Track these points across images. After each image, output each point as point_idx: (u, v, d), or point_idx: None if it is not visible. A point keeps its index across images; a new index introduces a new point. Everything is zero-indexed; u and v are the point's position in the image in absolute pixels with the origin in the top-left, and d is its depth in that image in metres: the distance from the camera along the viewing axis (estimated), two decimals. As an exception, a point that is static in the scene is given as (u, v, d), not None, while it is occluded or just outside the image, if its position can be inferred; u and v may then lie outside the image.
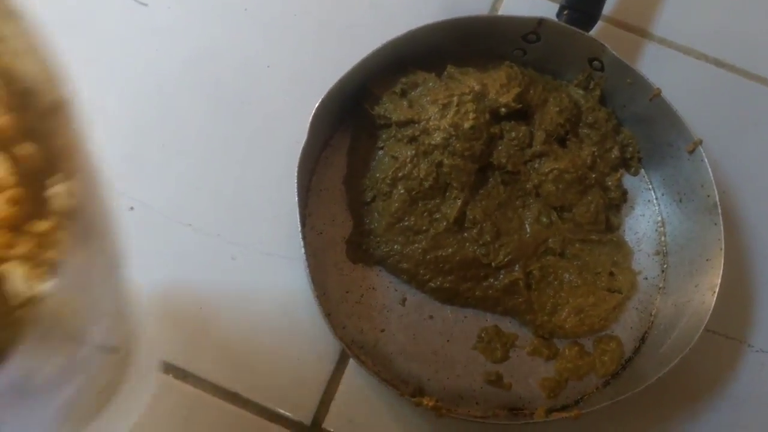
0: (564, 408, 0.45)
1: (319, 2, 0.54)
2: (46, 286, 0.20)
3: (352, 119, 0.49)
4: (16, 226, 0.25)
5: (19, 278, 0.21)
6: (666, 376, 0.41)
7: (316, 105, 0.43)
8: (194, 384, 0.44)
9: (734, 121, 0.53)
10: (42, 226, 0.23)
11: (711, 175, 0.45)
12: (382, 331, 0.46)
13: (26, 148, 0.25)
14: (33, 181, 0.25)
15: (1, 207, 0.25)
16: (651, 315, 0.48)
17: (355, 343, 0.45)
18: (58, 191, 0.24)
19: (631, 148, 0.50)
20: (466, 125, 0.44)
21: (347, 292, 0.46)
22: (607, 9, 0.52)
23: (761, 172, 0.52)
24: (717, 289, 0.43)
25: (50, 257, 0.22)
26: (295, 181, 0.43)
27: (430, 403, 0.41)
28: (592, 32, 0.49)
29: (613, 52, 0.46)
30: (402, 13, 0.54)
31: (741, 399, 0.47)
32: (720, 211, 0.44)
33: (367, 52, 0.45)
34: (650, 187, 0.51)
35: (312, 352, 0.46)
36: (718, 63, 0.55)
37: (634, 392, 0.41)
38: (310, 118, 0.43)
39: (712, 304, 0.42)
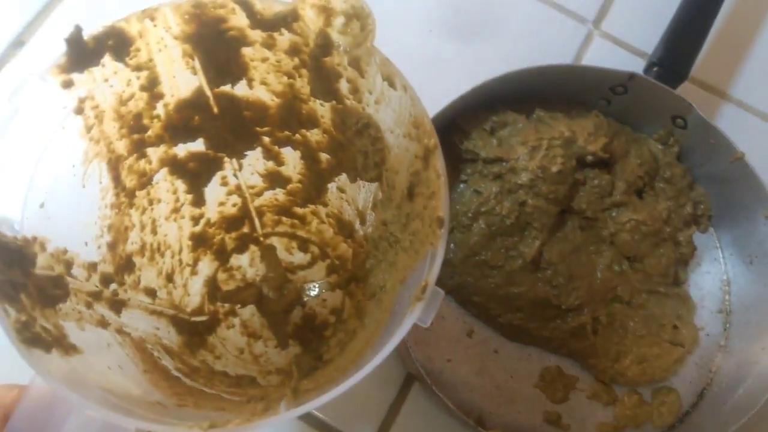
0: (620, 455, 0.46)
1: (417, 40, 0.56)
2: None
3: (436, 150, 0.50)
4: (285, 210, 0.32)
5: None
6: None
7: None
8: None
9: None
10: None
11: (787, 242, 0.46)
12: (449, 360, 0.47)
13: (325, 158, 0.34)
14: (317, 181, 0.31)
15: (279, 196, 0.32)
16: (711, 371, 0.48)
17: (423, 370, 0.46)
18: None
19: (702, 206, 0.51)
20: (554, 169, 0.46)
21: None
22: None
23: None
24: (786, 355, 0.44)
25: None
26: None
27: (501, 437, 0.42)
28: (678, 90, 0.50)
29: (700, 113, 0.47)
30: (493, 57, 0.55)
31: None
32: (793, 277, 0.45)
33: (458, 88, 0.47)
34: (718, 245, 0.52)
35: (378, 374, 0.47)
36: (793, 130, 0.56)
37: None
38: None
39: (780, 369, 0.43)
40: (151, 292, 0.36)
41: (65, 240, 0.27)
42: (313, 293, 0.43)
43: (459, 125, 0.49)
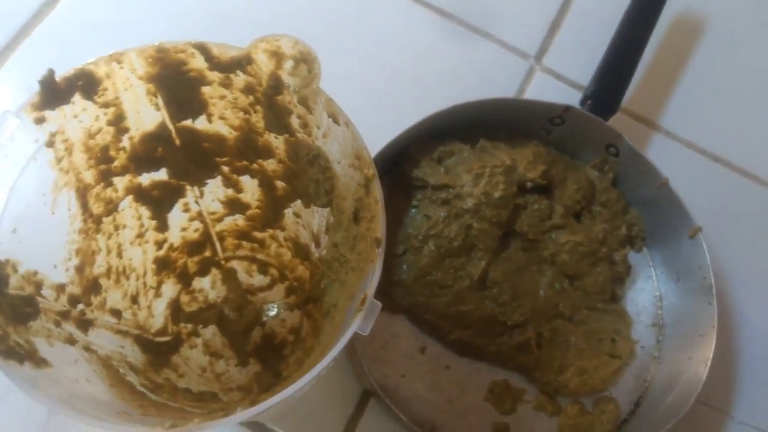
0: (563, 462, 0.49)
1: (367, 74, 0.59)
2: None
3: (388, 177, 0.53)
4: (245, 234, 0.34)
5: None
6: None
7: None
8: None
9: (730, 212, 0.59)
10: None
11: (708, 258, 0.50)
12: (403, 376, 0.49)
13: (281, 185, 0.37)
14: (274, 206, 0.34)
15: (239, 221, 0.35)
16: (646, 381, 0.52)
17: (378, 385, 0.48)
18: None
19: (636, 228, 0.55)
20: (496, 194, 0.49)
21: (373, 337, 0.50)
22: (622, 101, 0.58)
23: (753, 259, 0.58)
24: (709, 363, 0.47)
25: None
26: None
27: (450, 447, 0.44)
28: (610, 121, 0.54)
29: (629, 142, 0.52)
30: (439, 91, 0.59)
31: (723, 467, 0.51)
32: (714, 292, 0.49)
33: (407, 121, 0.50)
34: (651, 264, 0.56)
35: (336, 390, 0.49)
36: (716, 158, 0.61)
37: (630, 452, 0.45)
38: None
39: (704, 377, 0.47)
40: (117, 313, 0.38)
41: (35, 262, 0.29)
42: (271, 313, 0.45)
43: (410, 154, 0.52)
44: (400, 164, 0.53)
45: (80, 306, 0.33)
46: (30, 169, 0.29)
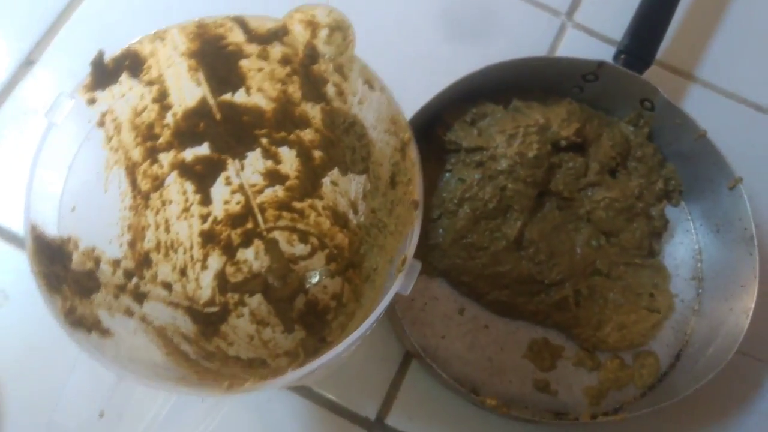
0: (605, 415, 0.49)
1: (397, 39, 0.59)
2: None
3: (422, 142, 0.54)
4: (285, 205, 0.36)
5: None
6: (699, 391, 0.46)
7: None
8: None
9: (770, 161, 0.58)
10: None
11: (749, 209, 0.49)
12: (443, 337, 0.51)
13: (318, 155, 0.39)
14: (312, 176, 0.35)
15: (279, 192, 0.36)
16: (686, 334, 0.52)
17: (419, 347, 0.50)
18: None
19: (673, 182, 0.55)
20: (530, 154, 0.49)
21: (412, 300, 0.51)
22: (658, 53, 0.56)
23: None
24: (750, 313, 0.47)
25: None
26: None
27: (493, 402, 0.45)
28: (645, 75, 0.54)
29: (665, 95, 0.51)
30: (471, 53, 0.59)
31: (766, 416, 0.51)
32: (756, 242, 0.49)
33: (440, 85, 0.50)
34: (689, 218, 0.55)
35: (379, 353, 0.50)
36: (758, 108, 0.59)
37: (670, 403, 0.46)
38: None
39: (746, 327, 0.47)
40: (168, 286, 0.40)
41: (93, 239, 0.30)
42: (314, 281, 0.46)
43: (442, 118, 0.52)
44: (434, 128, 0.53)
45: (134, 279, 0.34)
46: (84, 149, 0.31)
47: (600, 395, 0.50)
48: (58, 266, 0.27)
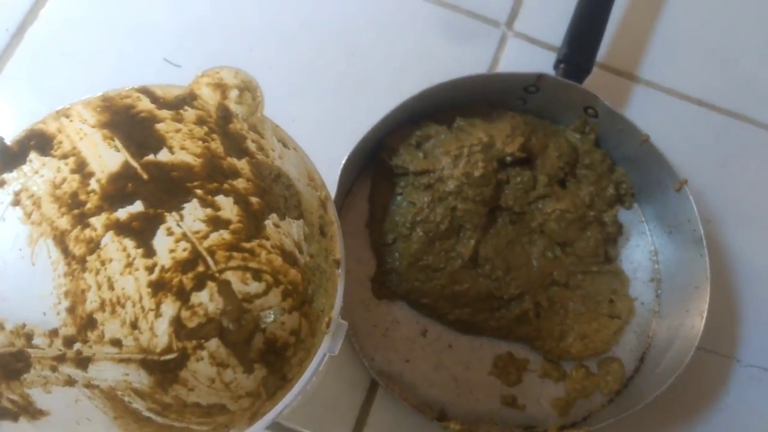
0: (573, 425, 0.50)
1: (338, 63, 0.59)
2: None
3: (371, 168, 0.54)
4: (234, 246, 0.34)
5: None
6: (664, 393, 0.46)
7: (344, 160, 0.48)
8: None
9: (718, 156, 0.59)
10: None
11: (696, 211, 0.50)
12: (407, 361, 0.51)
13: (255, 200, 0.39)
14: (254, 219, 0.34)
15: (225, 235, 0.34)
16: (648, 337, 0.53)
17: (384, 373, 0.50)
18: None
19: (624, 185, 0.55)
20: (476, 173, 0.49)
21: (374, 326, 0.51)
22: (599, 56, 0.57)
23: (743, 201, 0.57)
24: (705, 314, 0.48)
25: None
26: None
27: (456, 427, 0.45)
28: (587, 79, 0.54)
29: (605, 102, 0.51)
30: (412, 72, 0.59)
31: (734, 411, 0.52)
32: (705, 243, 0.49)
33: (383, 107, 0.50)
34: (643, 219, 0.56)
35: (345, 382, 0.50)
36: (700, 103, 0.60)
37: (636, 409, 0.46)
38: (339, 171, 0.48)
39: (701, 328, 0.47)
40: (117, 342, 0.39)
41: (23, 315, 0.30)
42: (268, 320, 0.46)
43: (387, 143, 0.52)
44: (379, 154, 0.53)
45: (77, 345, 0.34)
46: (1, 230, 0.30)
47: (567, 405, 0.50)
48: None
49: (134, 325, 0.42)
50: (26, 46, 0.57)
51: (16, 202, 0.31)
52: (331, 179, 0.48)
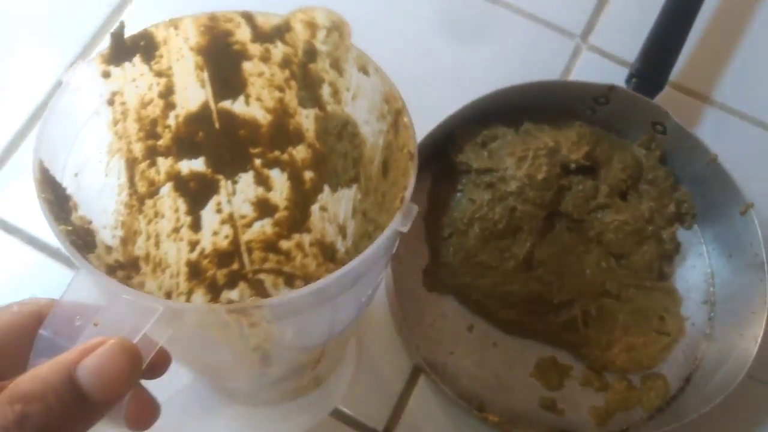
0: (611, 435, 0.50)
1: (413, 60, 0.60)
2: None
3: (434, 163, 0.55)
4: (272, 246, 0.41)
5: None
6: (707, 415, 0.46)
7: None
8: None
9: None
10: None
11: (760, 235, 0.49)
12: (451, 353, 0.52)
13: (309, 176, 0.40)
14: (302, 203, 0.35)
15: (267, 229, 0.42)
16: (696, 358, 0.52)
17: (427, 362, 0.51)
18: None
19: (686, 205, 0.55)
20: (539, 176, 0.50)
21: (422, 316, 0.52)
22: (674, 75, 0.57)
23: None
24: (759, 339, 0.47)
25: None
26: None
27: (495, 419, 0.46)
28: (658, 96, 0.54)
29: (675, 120, 0.52)
30: (485, 75, 0.60)
31: (776, 442, 0.51)
32: (766, 269, 0.49)
33: (453, 105, 0.51)
34: (702, 241, 0.55)
35: (388, 367, 0.52)
36: (773, 130, 0.59)
37: (676, 426, 0.46)
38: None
39: (755, 352, 0.47)
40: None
41: (90, 213, 0.31)
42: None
43: (454, 140, 0.54)
44: (446, 149, 0.54)
45: (122, 273, 0.35)
46: (92, 122, 0.32)
47: (607, 416, 0.50)
48: (61, 207, 0.28)
49: (168, 296, 0.43)
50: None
51: (111, 102, 0.32)
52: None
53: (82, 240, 0.29)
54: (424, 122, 0.51)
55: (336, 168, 0.38)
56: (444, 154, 0.54)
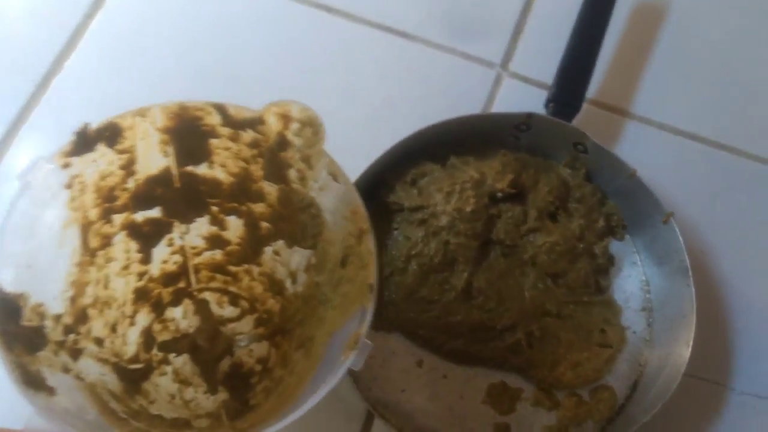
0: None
1: (336, 104, 0.62)
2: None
3: (368, 204, 0.56)
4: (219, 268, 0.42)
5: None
6: (657, 421, 0.47)
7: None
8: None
9: (711, 189, 0.60)
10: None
11: (682, 242, 0.51)
12: (403, 391, 0.52)
13: (265, 226, 0.41)
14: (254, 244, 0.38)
15: (217, 256, 0.42)
16: (640, 365, 0.54)
17: (380, 403, 0.51)
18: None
19: (616, 217, 0.57)
20: (468, 209, 0.52)
21: (371, 357, 0.53)
22: (592, 92, 0.59)
23: (734, 232, 0.59)
24: (691, 343, 0.49)
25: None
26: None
27: (449, 455, 0.47)
28: (579, 115, 0.56)
29: (593, 139, 0.54)
30: (410, 113, 0.61)
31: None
32: (691, 274, 0.51)
33: (381, 146, 0.53)
34: (635, 250, 0.57)
35: (341, 411, 0.52)
36: (693, 137, 0.62)
37: (626, 438, 0.47)
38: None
39: (688, 356, 0.49)
40: (99, 341, 0.41)
41: (41, 295, 0.33)
42: (242, 344, 0.48)
43: (384, 180, 0.55)
44: (378, 191, 0.55)
45: (71, 335, 0.36)
46: (49, 209, 0.33)
47: (560, 434, 0.52)
48: (12, 323, 0.29)
49: (113, 329, 0.43)
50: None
51: (69, 186, 0.34)
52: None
53: (31, 343, 0.30)
54: (356, 163, 0.52)
55: (294, 232, 0.39)
56: (377, 195, 0.56)
